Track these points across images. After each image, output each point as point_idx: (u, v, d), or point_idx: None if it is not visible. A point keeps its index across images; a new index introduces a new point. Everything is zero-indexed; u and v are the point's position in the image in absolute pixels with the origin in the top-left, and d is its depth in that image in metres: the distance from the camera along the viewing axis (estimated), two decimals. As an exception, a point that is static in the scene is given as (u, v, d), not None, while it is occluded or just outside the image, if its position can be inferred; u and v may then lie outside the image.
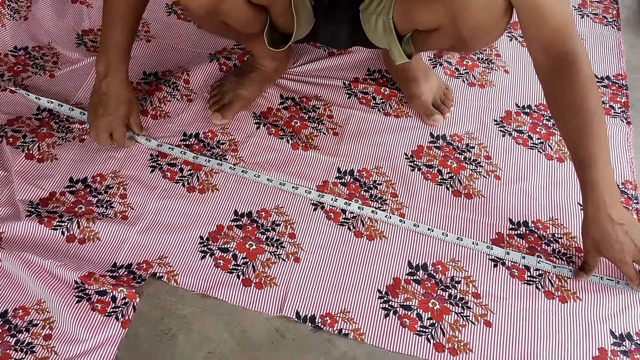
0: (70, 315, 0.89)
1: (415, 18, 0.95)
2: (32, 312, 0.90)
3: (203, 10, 0.93)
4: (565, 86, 0.87)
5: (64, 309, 0.89)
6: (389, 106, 1.20)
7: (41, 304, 0.90)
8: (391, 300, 0.94)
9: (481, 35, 0.93)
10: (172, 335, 0.89)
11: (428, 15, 0.93)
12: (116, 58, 1.02)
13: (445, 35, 0.95)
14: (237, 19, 0.97)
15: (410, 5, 0.95)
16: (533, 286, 0.96)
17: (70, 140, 1.11)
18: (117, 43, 1.01)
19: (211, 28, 1.08)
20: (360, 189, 1.07)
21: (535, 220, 1.04)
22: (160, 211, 1.02)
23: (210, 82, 1.22)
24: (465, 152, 1.14)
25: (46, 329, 0.88)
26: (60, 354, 0.86)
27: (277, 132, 1.15)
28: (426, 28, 0.96)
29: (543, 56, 0.88)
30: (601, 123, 0.87)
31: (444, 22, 0.92)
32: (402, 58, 1.01)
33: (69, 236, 0.98)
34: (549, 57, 0.88)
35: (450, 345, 0.89)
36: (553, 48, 0.87)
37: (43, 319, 0.89)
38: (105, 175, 1.07)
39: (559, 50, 0.86)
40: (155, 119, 1.16)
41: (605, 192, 0.87)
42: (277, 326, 0.90)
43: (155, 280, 0.94)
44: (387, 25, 0.98)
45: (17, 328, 0.88)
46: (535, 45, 0.89)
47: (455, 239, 1.00)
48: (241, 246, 0.99)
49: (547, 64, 0.88)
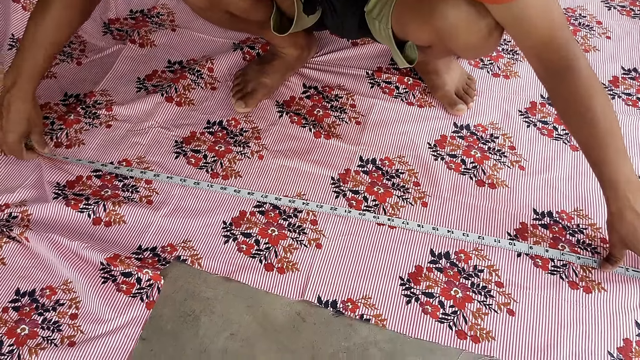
0: (96, 295, 0.90)
1: (409, 35, 0.97)
2: (59, 292, 0.91)
3: (203, 3, 0.93)
4: (565, 92, 0.87)
5: (90, 290, 0.91)
6: (412, 96, 1.20)
7: (68, 284, 0.92)
8: (413, 287, 0.94)
9: (473, 52, 0.95)
10: (195, 316, 0.89)
11: (419, 35, 0.95)
12: (24, 78, 0.99)
13: (440, 51, 0.97)
14: (239, 6, 0.98)
15: (403, 23, 0.96)
16: (557, 276, 0.95)
17: (97, 126, 1.13)
18: (28, 67, 0.98)
19: (219, 21, 1.08)
20: (382, 177, 1.07)
21: (560, 211, 1.03)
22: (184, 196, 1.03)
23: (234, 71, 1.23)
24: (489, 142, 1.13)
25: (72, 309, 0.90)
26: (85, 332, 0.87)
27: (300, 120, 1.16)
28: (420, 44, 0.97)
29: (538, 65, 0.88)
30: (610, 122, 0.85)
31: (434, 42, 0.94)
32: (403, 64, 1.03)
33: (95, 219, 0.99)
34: (544, 66, 0.87)
35: (472, 332, 0.89)
36: (545, 57, 0.86)
37: (69, 299, 0.91)
38: (131, 160, 1.08)
39: (552, 58, 0.85)
40: (180, 106, 1.17)
41: (627, 189, 0.86)
42: (299, 310, 0.91)
43: (179, 263, 0.95)
44: (386, 33, 0.99)
45: (45, 307, 0.90)
46: (529, 55, 0.89)
47: (476, 238, 0.99)
48: (263, 232, 0.99)
49: (545, 72, 0.88)
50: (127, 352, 0.85)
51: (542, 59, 0.86)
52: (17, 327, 0.87)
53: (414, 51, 1.01)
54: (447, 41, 0.91)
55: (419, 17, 0.91)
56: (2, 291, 0.91)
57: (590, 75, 0.85)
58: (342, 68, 1.24)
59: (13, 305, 0.90)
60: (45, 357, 0.84)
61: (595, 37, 1.34)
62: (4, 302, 0.90)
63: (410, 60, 1.02)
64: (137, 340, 0.87)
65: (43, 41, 0.98)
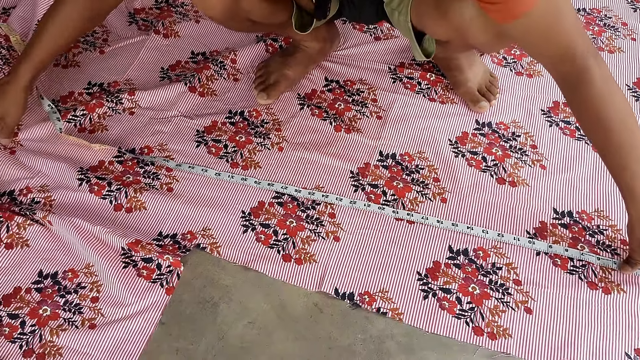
0: (117, 279, 0.91)
1: (427, 29, 0.97)
2: (81, 275, 0.93)
3: (223, 15, 0.94)
4: (579, 101, 0.85)
5: (111, 274, 0.92)
6: (434, 92, 1.20)
7: (90, 268, 0.93)
8: (430, 282, 0.94)
9: (492, 47, 0.93)
10: (214, 303, 0.90)
11: (437, 29, 0.94)
12: (25, 67, 1.04)
13: (458, 46, 0.96)
14: (259, 14, 0.98)
15: (421, 17, 0.96)
16: (576, 276, 0.94)
17: (121, 113, 1.14)
18: (33, 57, 1.04)
19: (241, 28, 1.09)
20: (402, 172, 1.07)
21: (580, 211, 1.03)
22: (204, 185, 1.04)
23: (256, 63, 1.24)
24: (510, 140, 1.12)
25: (94, 292, 0.91)
26: (106, 315, 0.88)
27: (321, 113, 1.16)
28: (438, 38, 0.97)
29: (554, 73, 0.87)
30: (628, 129, 0.84)
31: (452, 37, 0.93)
32: (421, 57, 1.02)
33: (117, 205, 1.01)
34: (559, 75, 0.86)
35: (489, 329, 0.88)
36: (560, 67, 0.84)
37: (91, 282, 0.92)
38: (153, 147, 1.09)
39: (567, 68, 0.83)
40: (202, 96, 1.18)
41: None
42: (316, 301, 0.91)
43: (199, 251, 0.96)
44: (406, 25, 0.99)
45: (67, 289, 0.91)
46: (543, 64, 0.88)
47: (496, 236, 0.98)
48: (282, 223, 1.00)
49: (560, 80, 0.86)
50: (147, 337, 0.87)
51: (557, 69, 0.85)
52: (40, 307, 0.89)
53: (432, 44, 1.01)
54: (465, 35, 0.90)
55: (436, 13, 0.91)
56: (25, 272, 0.92)
57: (606, 85, 0.83)
58: (364, 62, 1.24)
59: (36, 286, 0.91)
60: (65, 338, 0.86)
61: (620, 38, 1.32)
62: (27, 283, 0.91)
63: (428, 54, 1.02)
64: (156, 325, 0.88)
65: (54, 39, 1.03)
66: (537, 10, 0.75)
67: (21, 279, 0.92)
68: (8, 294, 0.90)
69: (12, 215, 0.96)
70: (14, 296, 0.90)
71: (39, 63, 1.05)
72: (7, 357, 0.84)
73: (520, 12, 0.76)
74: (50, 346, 0.85)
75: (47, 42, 1.04)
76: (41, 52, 1.04)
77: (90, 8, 1.03)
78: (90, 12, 1.04)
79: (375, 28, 1.31)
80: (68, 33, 1.05)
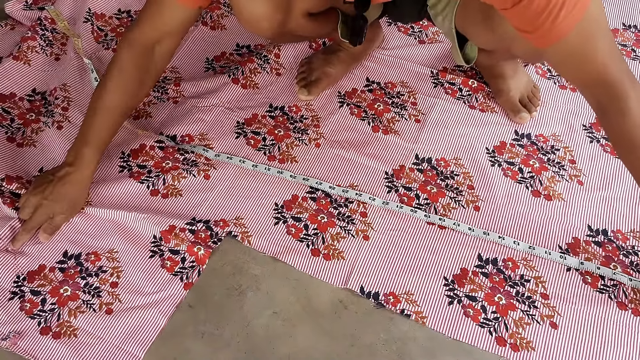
0: (140, 267, 0.94)
1: (471, 37, 0.96)
2: (103, 259, 0.94)
3: (272, 36, 0.95)
4: (613, 128, 0.84)
5: (135, 261, 0.94)
6: (474, 99, 1.19)
7: (112, 253, 0.95)
8: (457, 289, 0.94)
9: (535, 60, 0.92)
10: (241, 291, 0.92)
11: (481, 38, 0.94)
12: (89, 155, 0.96)
13: (502, 55, 0.96)
14: (306, 30, 0.99)
15: (467, 24, 0.95)
16: (606, 295, 0.93)
17: (165, 101, 1.17)
18: (96, 139, 0.96)
19: (289, 41, 1.10)
20: (436, 177, 1.07)
21: (615, 230, 1.01)
22: (240, 175, 1.06)
23: (299, 59, 1.25)
24: (549, 153, 1.11)
25: (114, 277, 0.93)
26: (123, 302, 0.90)
27: (360, 113, 1.17)
28: (482, 47, 0.96)
29: (588, 97, 0.85)
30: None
31: (496, 47, 0.93)
32: (461, 62, 1.02)
33: (153, 190, 1.04)
34: (593, 99, 0.84)
35: (512, 340, 0.88)
36: (594, 92, 0.83)
37: (112, 267, 0.94)
38: (194, 136, 1.12)
39: (601, 94, 0.82)
40: (245, 88, 1.20)
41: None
42: (342, 298, 0.93)
43: (230, 238, 0.98)
44: (449, 30, 0.99)
45: (88, 271, 0.93)
46: (578, 87, 0.87)
47: (527, 248, 0.98)
48: (313, 217, 1.01)
49: (594, 105, 0.85)
50: (159, 328, 0.88)
51: (591, 94, 0.84)
52: (61, 287, 0.91)
53: (475, 50, 1.00)
54: (510, 46, 0.90)
55: (482, 21, 0.90)
56: (51, 251, 0.95)
57: None
58: (407, 65, 1.24)
59: (60, 266, 0.94)
60: (83, 320, 0.88)
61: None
62: (52, 262, 0.94)
63: (469, 59, 1.02)
64: (169, 318, 0.89)
65: (114, 113, 0.97)
66: (571, 38, 0.75)
67: (47, 257, 0.94)
68: (33, 270, 0.93)
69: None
70: (38, 273, 0.92)
71: (102, 145, 0.98)
72: (25, 331, 0.86)
73: (551, 42, 0.76)
74: (67, 326, 0.87)
75: (106, 120, 0.97)
76: (102, 133, 0.97)
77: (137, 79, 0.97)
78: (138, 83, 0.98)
79: (420, 32, 1.32)
80: (121, 109, 0.98)
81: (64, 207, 0.96)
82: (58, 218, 0.96)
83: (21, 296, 0.90)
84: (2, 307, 0.89)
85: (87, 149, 0.95)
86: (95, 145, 0.96)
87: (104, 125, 0.97)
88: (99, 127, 0.96)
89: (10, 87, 1.16)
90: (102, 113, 0.96)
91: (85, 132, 0.96)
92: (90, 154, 0.96)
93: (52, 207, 0.94)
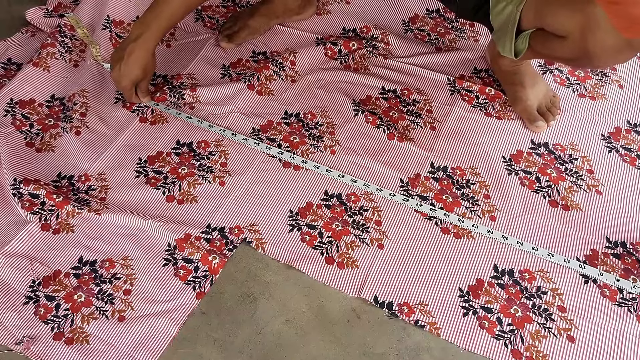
0: (153, 275, 0.94)
1: (546, 19, 0.93)
2: (117, 266, 0.95)
3: None
4: None
5: (148, 269, 0.95)
6: (491, 107, 1.18)
7: (127, 260, 0.96)
8: (472, 300, 0.92)
9: (607, 55, 0.87)
10: (254, 298, 0.92)
11: (560, 20, 0.90)
12: (153, 30, 1.08)
13: (570, 46, 0.90)
14: None
15: (544, 5, 0.92)
16: (625, 309, 0.91)
17: (182, 106, 1.18)
18: (161, 19, 1.08)
19: None
20: (452, 186, 1.06)
21: (635, 242, 0.99)
22: (255, 181, 1.06)
23: (315, 66, 1.25)
24: (567, 162, 1.10)
25: (127, 284, 0.93)
26: (135, 309, 0.91)
27: (375, 120, 1.16)
28: (554, 32, 0.92)
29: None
30: None
31: (573, 32, 0.89)
32: (509, 53, 1.00)
33: (169, 196, 1.04)
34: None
35: (528, 353, 0.87)
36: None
37: (126, 274, 0.94)
38: (210, 142, 1.12)
39: None
40: (260, 95, 1.21)
41: None
42: (355, 307, 0.92)
43: (244, 245, 0.98)
44: (512, 15, 0.97)
45: (102, 278, 0.94)
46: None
47: (546, 254, 0.97)
48: (328, 225, 1.01)
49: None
50: (170, 337, 0.88)
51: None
52: (75, 293, 0.92)
53: (525, 43, 0.98)
54: (589, 33, 0.86)
55: (567, 3, 0.88)
56: (67, 257, 0.96)
57: None
58: (423, 72, 1.24)
59: (75, 272, 0.94)
60: (95, 327, 0.89)
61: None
62: (67, 267, 0.95)
63: (517, 51, 1.00)
64: (180, 327, 0.89)
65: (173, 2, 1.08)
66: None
67: (62, 263, 0.95)
68: (48, 275, 0.93)
69: (63, 203, 0.99)
70: (54, 279, 0.93)
71: (162, 30, 1.10)
72: (38, 336, 0.87)
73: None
74: (79, 332, 0.88)
75: (168, 10, 1.07)
76: (164, 23, 1.08)
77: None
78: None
79: (437, 39, 1.31)
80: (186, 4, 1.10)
81: (140, 74, 1.11)
82: (141, 83, 1.14)
83: (36, 301, 0.91)
84: (17, 311, 0.90)
85: (148, 33, 1.08)
86: (156, 28, 1.08)
87: (165, 14, 1.08)
88: (161, 15, 1.08)
89: (29, 93, 1.18)
90: (167, 2, 1.07)
91: (149, 16, 1.08)
92: (151, 36, 1.08)
93: (129, 77, 1.11)
